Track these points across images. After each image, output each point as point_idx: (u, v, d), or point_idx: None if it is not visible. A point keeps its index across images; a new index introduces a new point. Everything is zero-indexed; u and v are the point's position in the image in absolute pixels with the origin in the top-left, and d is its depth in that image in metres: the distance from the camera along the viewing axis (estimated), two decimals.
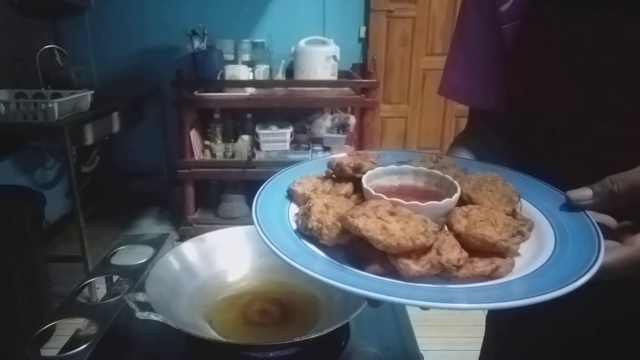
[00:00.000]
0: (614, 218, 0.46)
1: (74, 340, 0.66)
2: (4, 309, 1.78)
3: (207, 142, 2.84)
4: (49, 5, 2.88)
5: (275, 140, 2.76)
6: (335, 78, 2.88)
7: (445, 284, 0.39)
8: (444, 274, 0.39)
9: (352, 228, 0.40)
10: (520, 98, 0.62)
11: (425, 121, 3.45)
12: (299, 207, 0.48)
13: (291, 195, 0.51)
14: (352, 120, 2.80)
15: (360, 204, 0.45)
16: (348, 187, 0.51)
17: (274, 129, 2.76)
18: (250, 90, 2.74)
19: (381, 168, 0.51)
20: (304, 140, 2.84)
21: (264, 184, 0.51)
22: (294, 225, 0.46)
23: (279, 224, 0.45)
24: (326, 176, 0.54)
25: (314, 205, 0.45)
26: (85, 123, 2.17)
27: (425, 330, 1.34)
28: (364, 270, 0.40)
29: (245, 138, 2.78)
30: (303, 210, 0.45)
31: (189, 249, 0.79)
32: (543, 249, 0.43)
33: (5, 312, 1.78)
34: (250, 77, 2.85)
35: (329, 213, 0.44)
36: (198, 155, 2.79)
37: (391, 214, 0.41)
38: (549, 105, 0.58)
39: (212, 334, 0.67)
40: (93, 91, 2.27)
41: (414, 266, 0.38)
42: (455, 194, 0.46)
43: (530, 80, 0.59)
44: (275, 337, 0.66)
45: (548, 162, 0.56)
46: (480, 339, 0.83)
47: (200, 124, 2.87)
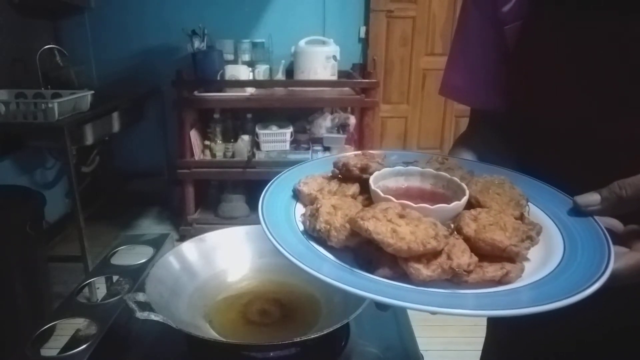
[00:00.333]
0: (620, 221, 0.46)
1: (74, 340, 0.66)
2: (4, 309, 1.78)
3: (207, 142, 2.84)
4: (49, 5, 2.88)
5: (275, 140, 2.76)
6: (335, 78, 2.88)
7: (454, 289, 0.39)
8: (454, 278, 0.39)
9: (362, 231, 0.39)
10: (521, 98, 0.62)
11: (425, 121, 3.45)
12: (305, 207, 0.48)
13: (297, 195, 0.50)
14: (352, 120, 2.80)
15: (367, 205, 0.45)
16: (355, 188, 0.50)
17: (274, 129, 2.76)
18: (250, 90, 2.74)
19: (388, 169, 0.51)
20: (304, 140, 2.84)
21: (269, 184, 0.51)
22: (301, 226, 0.45)
23: (285, 224, 0.45)
24: (332, 176, 0.53)
25: (322, 206, 0.44)
26: (85, 123, 2.16)
27: (425, 330, 1.34)
28: (373, 273, 0.39)
29: (245, 138, 2.78)
30: (310, 211, 0.45)
31: (189, 249, 0.79)
32: (551, 254, 0.42)
33: (5, 312, 1.78)
34: (250, 77, 2.85)
35: (337, 214, 0.43)
36: (198, 155, 2.79)
37: (401, 216, 0.41)
38: (549, 105, 0.58)
39: (212, 334, 0.66)
40: (93, 91, 2.27)
41: (425, 271, 0.38)
42: (464, 196, 0.46)
43: (531, 80, 0.59)
44: (275, 337, 0.66)
45: (549, 162, 0.56)
46: (480, 339, 0.83)
47: (200, 124, 2.87)
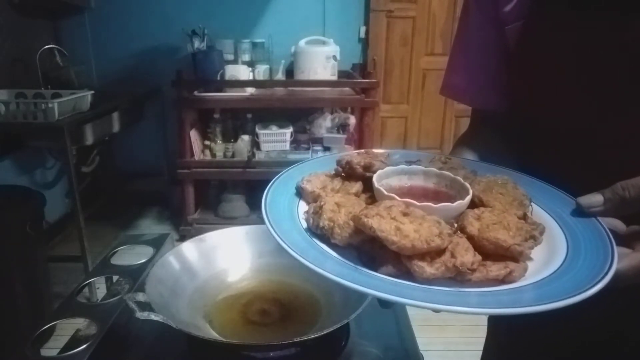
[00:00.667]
0: (623, 222, 0.46)
1: (74, 340, 0.66)
2: (4, 309, 1.77)
3: (207, 142, 2.83)
4: (49, 5, 2.88)
5: (275, 140, 2.76)
6: (335, 78, 2.88)
7: (458, 287, 0.39)
8: (458, 276, 0.39)
9: (367, 228, 0.39)
10: (522, 98, 0.62)
11: (425, 121, 3.45)
12: (308, 205, 0.48)
13: (300, 193, 0.50)
14: (352, 120, 2.80)
15: (371, 203, 0.45)
16: (358, 186, 0.51)
17: (274, 129, 2.76)
18: (250, 90, 2.74)
19: (391, 168, 0.51)
20: (304, 140, 2.84)
21: (272, 181, 0.51)
22: (304, 224, 0.45)
23: (289, 221, 0.45)
24: (335, 174, 0.53)
25: (326, 203, 0.44)
26: (85, 123, 2.16)
27: (425, 330, 1.34)
28: (377, 271, 0.39)
29: (245, 138, 2.78)
30: (314, 209, 0.45)
31: (189, 249, 0.79)
32: (555, 254, 0.42)
33: (5, 312, 1.78)
34: (250, 77, 2.85)
35: (341, 212, 0.43)
36: (198, 155, 2.79)
37: (404, 214, 0.41)
38: (550, 105, 0.58)
39: (212, 334, 0.66)
40: (93, 91, 2.27)
41: (429, 268, 0.38)
42: (468, 196, 0.46)
43: (532, 80, 0.59)
44: (275, 337, 0.66)
45: (549, 162, 0.56)
46: (480, 339, 0.83)
47: (200, 124, 2.87)
